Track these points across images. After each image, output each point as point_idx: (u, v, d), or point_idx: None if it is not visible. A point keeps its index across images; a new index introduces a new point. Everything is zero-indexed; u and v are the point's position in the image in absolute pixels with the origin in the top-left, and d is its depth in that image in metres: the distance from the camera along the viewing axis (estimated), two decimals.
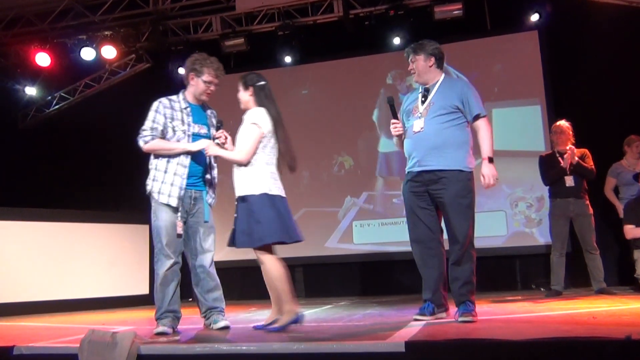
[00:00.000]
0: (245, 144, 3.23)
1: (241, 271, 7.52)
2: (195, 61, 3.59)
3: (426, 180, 3.39)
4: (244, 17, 7.46)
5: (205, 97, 3.60)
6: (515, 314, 3.62)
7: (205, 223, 3.57)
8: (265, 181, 3.24)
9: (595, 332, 2.50)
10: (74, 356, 2.59)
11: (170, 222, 3.42)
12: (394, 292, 6.70)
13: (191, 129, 3.48)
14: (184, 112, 3.49)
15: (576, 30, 6.63)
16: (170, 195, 3.41)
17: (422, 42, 3.62)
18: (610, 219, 5.89)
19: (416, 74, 3.57)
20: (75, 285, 6.38)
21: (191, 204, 3.50)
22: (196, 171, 3.52)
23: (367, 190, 7.23)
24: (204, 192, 3.59)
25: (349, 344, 2.43)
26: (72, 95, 8.45)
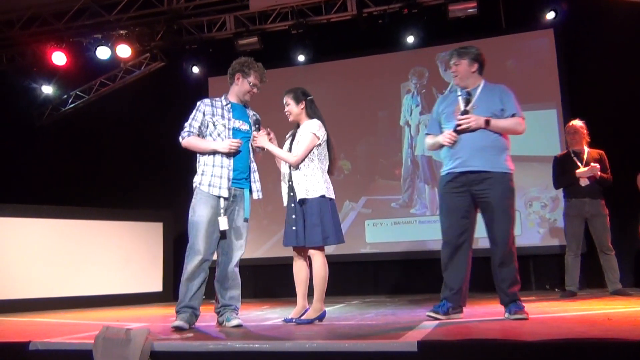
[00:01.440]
0: (300, 149, 3.58)
1: (254, 269, 7.56)
2: (244, 63, 3.76)
3: (470, 180, 3.43)
4: (257, 16, 7.48)
5: (248, 97, 3.76)
6: (529, 315, 3.59)
7: (245, 222, 3.66)
8: (324, 186, 3.58)
9: (610, 333, 2.47)
10: (89, 352, 2.61)
11: (208, 218, 3.48)
12: (405, 292, 6.70)
13: (231, 123, 3.61)
14: (224, 109, 3.65)
15: (593, 28, 6.55)
16: (221, 187, 3.52)
17: (467, 47, 3.73)
18: (626, 219, 5.82)
19: (458, 76, 3.62)
20: (89, 282, 6.45)
21: (232, 202, 3.59)
22: (239, 168, 3.63)
23: (366, 194, 7.22)
24: (246, 190, 3.69)
25: (362, 343, 2.43)
26: (87, 93, 8.53)
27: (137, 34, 7.54)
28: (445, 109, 3.61)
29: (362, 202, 7.22)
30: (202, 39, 7.64)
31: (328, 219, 3.53)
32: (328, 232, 3.52)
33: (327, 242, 3.53)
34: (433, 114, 3.74)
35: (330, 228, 3.53)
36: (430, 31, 6.99)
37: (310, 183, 3.56)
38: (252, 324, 3.74)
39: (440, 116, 3.65)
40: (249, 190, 3.71)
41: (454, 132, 3.44)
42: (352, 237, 7.11)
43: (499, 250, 3.41)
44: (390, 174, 7.21)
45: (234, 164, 3.56)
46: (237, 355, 2.52)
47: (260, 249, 7.44)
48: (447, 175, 3.53)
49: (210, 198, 3.50)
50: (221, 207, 3.50)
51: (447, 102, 3.66)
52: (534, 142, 6.59)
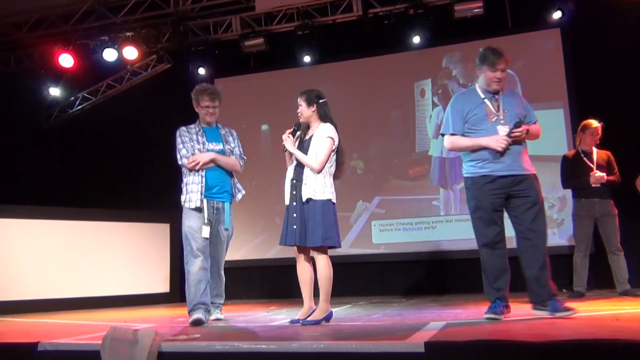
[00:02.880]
0: (321, 154, 3.62)
1: (261, 270, 7.58)
2: (195, 92, 4.25)
3: (509, 183, 3.50)
4: (263, 17, 7.49)
5: (209, 118, 4.23)
6: (536, 316, 3.57)
7: (226, 231, 4.16)
8: (331, 190, 3.64)
9: (618, 334, 2.46)
10: (96, 353, 2.62)
11: (197, 227, 3.99)
12: (412, 293, 6.68)
13: (206, 146, 4.14)
14: (198, 134, 4.18)
15: (600, 28, 6.51)
16: (195, 200, 4.02)
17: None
18: (635, 220, 5.78)
19: (502, 82, 3.63)
20: (97, 283, 6.47)
21: (214, 214, 4.08)
22: (216, 184, 4.11)
23: (380, 194, 7.21)
24: (226, 203, 4.16)
25: (368, 343, 2.42)
26: (94, 95, 8.57)
27: (144, 35, 7.57)
28: (474, 110, 3.56)
29: (376, 203, 7.21)
30: (208, 40, 7.66)
31: (330, 222, 3.57)
32: (329, 234, 3.54)
33: (327, 243, 3.54)
34: (455, 112, 3.61)
35: (331, 230, 3.56)
36: (436, 31, 6.97)
37: (319, 185, 3.59)
38: (259, 325, 3.75)
39: (466, 116, 3.58)
40: (230, 202, 4.21)
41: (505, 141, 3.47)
42: (361, 238, 7.11)
43: (542, 245, 3.53)
44: (404, 174, 7.19)
45: (206, 181, 4.06)
46: (244, 355, 2.52)
47: (272, 249, 7.42)
48: (485, 177, 3.51)
49: (192, 211, 4.03)
50: (206, 217, 4.00)
51: (472, 102, 3.59)
52: (542, 142, 6.39)
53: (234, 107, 7.88)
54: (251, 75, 8.00)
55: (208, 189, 4.06)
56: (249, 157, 7.64)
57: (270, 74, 7.89)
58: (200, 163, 4.03)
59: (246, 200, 7.63)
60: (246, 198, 7.84)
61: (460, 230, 6.80)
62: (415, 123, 7.26)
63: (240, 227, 7.61)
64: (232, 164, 4.23)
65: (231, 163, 4.22)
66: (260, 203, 7.67)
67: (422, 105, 7.26)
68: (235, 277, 7.55)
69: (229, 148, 4.24)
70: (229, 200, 4.19)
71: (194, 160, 4.03)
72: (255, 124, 7.88)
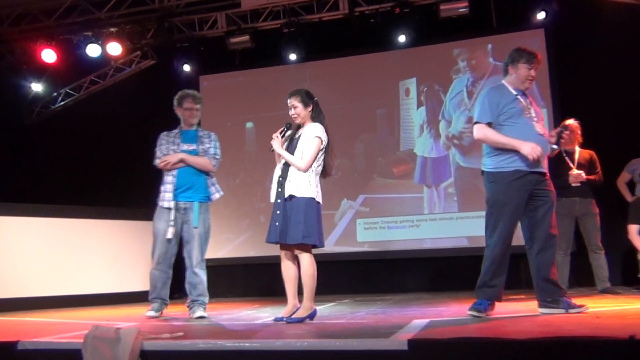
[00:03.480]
0: (308, 154, 3.61)
1: (245, 268, 7.56)
2: (177, 97, 4.51)
3: (535, 180, 3.53)
4: (249, 14, 7.46)
5: (191, 120, 4.47)
6: (518, 313, 3.61)
7: (195, 229, 4.30)
8: (315, 189, 3.63)
9: (598, 331, 2.49)
10: (78, 351, 2.59)
11: (162, 229, 4.29)
12: (396, 290, 6.72)
13: (180, 147, 4.37)
14: (175, 137, 4.43)
15: (584, 29, 6.58)
16: (167, 200, 4.29)
17: None
18: (616, 218, 5.87)
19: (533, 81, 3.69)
20: (79, 281, 6.41)
21: (182, 214, 4.30)
22: (184, 183, 4.30)
23: (364, 192, 7.23)
24: (195, 202, 4.31)
25: (352, 341, 2.43)
26: (77, 91, 8.48)
27: (128, 31, 7.50)
28: (511, 104, 3.55)
29: (360, 201, 7.23)
30: (193, 37, 7.61)
31: (312, 220, 3.54)
32: (310, 232, 3.52)
33: (306, 240, 3.52)
34: (491, 103, 3.57)
35: (313, 228, 3.54)
36: (422, 30, 6.99)
37: (303, 182, 3.58)
38: (243, 323, 3.74)
39: (503, 109, 3.55)
40: (200, 201, 4.35)
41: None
42: (345, 236, 7.13)
43: (552, 249, 3.57)
44: (389, 173, 7.21)
45: (177, 181, 4.28)
46: (227, 354, 2.51)
47: (256, 248, 7.42)
48: (514, 172, 3.50)
49: (163, 211, 4.30)
50: (171, 219, 4.25)
51: (507, 96, 3.59)
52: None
53: (219, 105, 7.86)
54: (237, 72, 7.97)
55: (178, 188, 4.27)
56: (233, 155, 7.71)
57: (255, 72, 7.87)
58: (170, 163, 4.26)
59: (230, 198, 7.70)
60: (230, 196, 7.89)
61: (444, 228, 6.86)
62: (400, 122, 7.28)
63: (225, 225, 7.62)
64: (202, 163, 4.35)
65: (201, 162, 4.34)
66: (245, 201, 7.66)
67: (407, 104, 7.29)
68: (219, 275, 7.55)
69: (202, 148, 4.40)
70: (199, 199, 4.34)
71: (164, 160, 4.28)
72: (240, 122, 7.85)
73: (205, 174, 4.37)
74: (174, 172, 4.27)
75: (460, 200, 6.88)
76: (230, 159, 7.76)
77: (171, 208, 4.25)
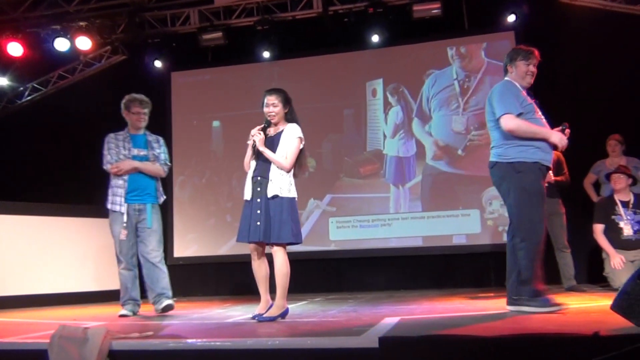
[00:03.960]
0: (291, 154, 3.67)
1: (216, 267, 7.51)
2: (126, 101, 4.59)
3: (546, 174, 3.61)
4: (222, 11, 7.40)
5: (139, 124, 4.57)
6: (487, 311, 3.67)
7: (149, 229, 4.50)
8: (294, 187, 3.71)
9: (564, 328, 2.55)
10: (44, 352, 2.54)
11: (119, 231, 4.42)
12: (368, 289, 6.76)
13: (131, 152, 4.48)
14: (125, 141, 4.52)
15: (552, 32, 6.72)
16: (121, 204, 4.44)
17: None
18: (582, 218, 6.01)
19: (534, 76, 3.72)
20: (46, 279, 6.26)
21: (136, 215, 4.46)
22: (137, 187, 4.46)
23: (331, 192, 7.24)
24: (148, 204, 4.50)
25: (323, 339, 2.44)
26: (45, 86, 8.28)
27: (98, 26, 7.35)
28: (525, 102, 3.57)
29: (327, 200, 7.24)
30: (165, 32, 7.51)
31: (296, 219, 3.68)
32: (297, 230, 3.65)
33: (297, 239, 3.63)
34: (514, 96, 3.57)
35: (298, 227, 3.67)
36: (395, 31, 7.04)
37: (285, 183, 3.64)
38: (214, 322, 3.71)
39: (522, 102, 3.56)
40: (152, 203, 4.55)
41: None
42: (317, 235, 7.13)
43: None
44: (355, 172, 7.25)
45: (128, 185, 4.43)
46: (197, 353, 2.49)
47: (223, 246, 7.39)
48: (536, 164, 3.50)
49: (116, 215, 4.44)
50: (124, 221, 4.39)
51: (521, 94, 3.60)
52: None
53: (189, 102, 7.80)
54: (209, 69, 7.90)
55: (130, 192, 4.43)
56: (199, 153, 7.63)
57: (223, 70, 7.82)
58: (122, 170, 4.40)
59: (196, 197, 7.66)
60: (196, 195, 7.84)
61: (415, 227, 6.92)
62: (367, 122, 7.32)
63: (190, 224, 7.58)
64: (155, 171, 4.56)
65: (153, 170, 4.55)
66: (211, 201, 7.61)
67: (374, 105, 7.33)
68: (186, 275, 7.49)
69: (153, 154, 4.57)
70: (151, 202, 4.53)
71: (116, 167, 4.41)
72: (207, 120, 7.79)
73: (155, 178, 4.60)
74: (125, 177, 4.43)
75: (429, 200, 6.94)
76: (197, 158, 7.70)
77: (123, 212, 4.42)
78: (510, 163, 3.51)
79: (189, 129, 7.80)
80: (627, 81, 6.21)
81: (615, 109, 6.23)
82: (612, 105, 6.25)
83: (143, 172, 4.47)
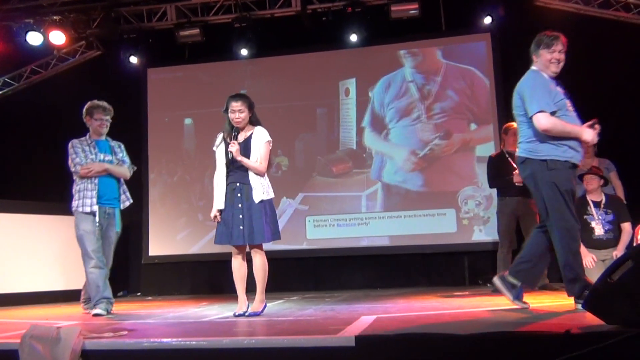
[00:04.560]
0: (264, 159, 3.85)
1: (192, 266, 7.45)
2: (88, 108, 4.69)
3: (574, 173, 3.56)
4: (199, 7, 7.33)
5: (101, 130, 4.66)
6: (462, 309, 3.71)
7: (116, 234, 4.62)
8: (271, 188, 3.90)
9: (537, 326, 2.59)
10: (14, 352, 2.49)
11: (90, 229, 4.43)
12: (345, 287, 6.77)
13: (98, 157, 4.57)
14: (90, 146, 4.61)
15: (527, 34, 6.72)
16: (91, 205, 4.47)
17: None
18: None
19: (561, 64, 3.61)
20: (18, 278, 6.14)
21: (105, 218, 4.54)
22: (107, 192, 4.54)
23: (303, 191, 7.24)
24: (116, 209, 4.62)
25: (300, 338, 2.43)
26: (17, 81, 8.09)
27: (72, 20, 7.21)
28: (559, 95, 3.52)
29: (300, 199, 7.24)
30: (141, 28, 7.41)
31: (275, 218, 3.91)
32: (275, 229, 3.86)
33: (275, 237, 3.86)
34: (547, 92, 3.50)
35: (276, 225, 3.89)
36: (373, 30, 7.06)
37: (266, 186, 3.85)
38: (190, 321, 3.68)
39: (555, 98, 3.51)
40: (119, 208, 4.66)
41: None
42: (293, 233, 7.12)
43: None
44: (328, 171, 7.25)
45: (99, 188, 4.49)
46: (173, 352, 2.47)
47: (195, 245, 7.36)
48: (566, 162, 3.45)
49: (86, 215, 4.45)
50: (96, 221, 4.44)
51: (553, 87, 3.54)
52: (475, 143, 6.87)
53: (163, 99, 7.72)
54: (186, 66, 7.82)
55: (100, 196, 4.50)
56: (171, 151, 7.55)
57: (196, 67, 7.76)
58: (93, 171, 4.46)
59: (167, 196, 7.59)
60: (168, 194, 7.77)
61: (392, 226, 6.96)
62: (339, 121, 7.34)
63: (161, 223, 7.51)
64: (123, 173, 4.69)
65: (122, 172, 4.67)
66: (182, 199, 7.55)
67: (347, 104, 7.36)
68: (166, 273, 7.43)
69: (117, 158, 4.69)
70: (118, 206, 4.66)
71: (87, 168, 4.45)
72: (179, 118, 7.72)
73: (120, 183, 4.70)
74: (95, 180, 4.50)
75: (407, 199, 6.99)
76: (168, 156, 7.62)
77: (95, 212, 4.45)
78: (543, 160, 3.43)
79: (161, 127, 7.72)
80: (600, 84, 6.34)
81: (588, 111, 6.33)
82: (585, 108, 6.35)
83: (113, 174, 4.59)
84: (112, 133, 4.77)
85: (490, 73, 6.96)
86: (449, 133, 6.93)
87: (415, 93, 7.11)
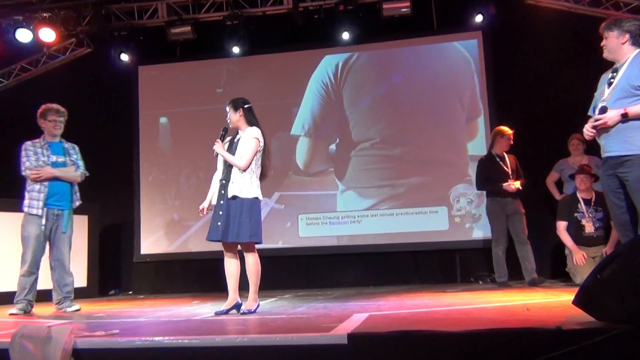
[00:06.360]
0: (246, 154, 3.85)
1: (183, 264, 7.43)
2: (41, 110, 4.85)
3: (612, 164, 3.35)
4: (191, 5, 7.30)
5: (55, 131, 4.80)
6: (454, 306, 3.73)
7: (64, 234, 4.72)
8: (257, 188, 3.90)
9: (528, 323, 2.60)
10: (5, 352, 2.47)
11: (35, 234, 4.56)
12: (337, 285, 6.78)
13: (50, 159, 4.70)
14: (43, 148, 4.74)
15: (518, 32, 6.85)
16: (38, 208, 4.58)
17: (619, 19, 3.45)
18: (544, 215, 6.17)
19: (606, 50, 3.45)
20: (6, 276, 6.08)
21: (54, 220, 4.66)
22: (56, 192, 4.65)
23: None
24: (65, 211, 4.72)
25: (292, 336, 2.43)
26: (6, 78, 8.02)
27: (62, 17, 7.15)
28: (598, 91, 3.47)
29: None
30: (132, 25, 7.36)
31: (257, 219, 3.84)
32: (255, 230, 3.81)
33: (253, 239, 3.80)
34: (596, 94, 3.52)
35: (257, 227, 3.83)
36: (365, 28, 7.06)
37: (245, 184, 3.82)
38: (182, 319, 3.67)
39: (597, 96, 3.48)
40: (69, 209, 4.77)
41: (593, 129, 3.37)
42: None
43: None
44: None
45: (49, 190, 4.62)
46: (165, 351, 2.45)
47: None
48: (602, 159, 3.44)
49: (33, 217, 4.57)
50: (42, 224, 4.56)
51: (602, 82, 3.48)
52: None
53: (165, 94, 7.67)
54: (178, 63, 7.77)
55: (49, 197, 4.61)
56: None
57: (174, 66, 7.73)
58: (42, 177, 4.57)
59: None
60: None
61: (384, 224, 6.96)
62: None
63: (151, 221, 7.46)
64: (73, 178, 4.78)
65: (72, 177, 4.77)
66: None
67: None
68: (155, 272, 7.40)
69: (70, 159, 4.80)
70: (68, 207, 4.75)
71: (36, 173, 4.57)
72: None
73: (71, 184, 4.79)
74: (46, 182, 4.61)
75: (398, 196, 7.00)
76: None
77: (41, 215, 4.57)
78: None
79: (153, 125, 7.69)
80: (590, 82, 6.35)
81: (578, 109, 6.37)
82: (575, 105, 6.39)
83: (62, 179, 4.69)
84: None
85: (481, 71, 6.98)
86: (440, 131, 6.95)
87: (404, 90, 7.12)
